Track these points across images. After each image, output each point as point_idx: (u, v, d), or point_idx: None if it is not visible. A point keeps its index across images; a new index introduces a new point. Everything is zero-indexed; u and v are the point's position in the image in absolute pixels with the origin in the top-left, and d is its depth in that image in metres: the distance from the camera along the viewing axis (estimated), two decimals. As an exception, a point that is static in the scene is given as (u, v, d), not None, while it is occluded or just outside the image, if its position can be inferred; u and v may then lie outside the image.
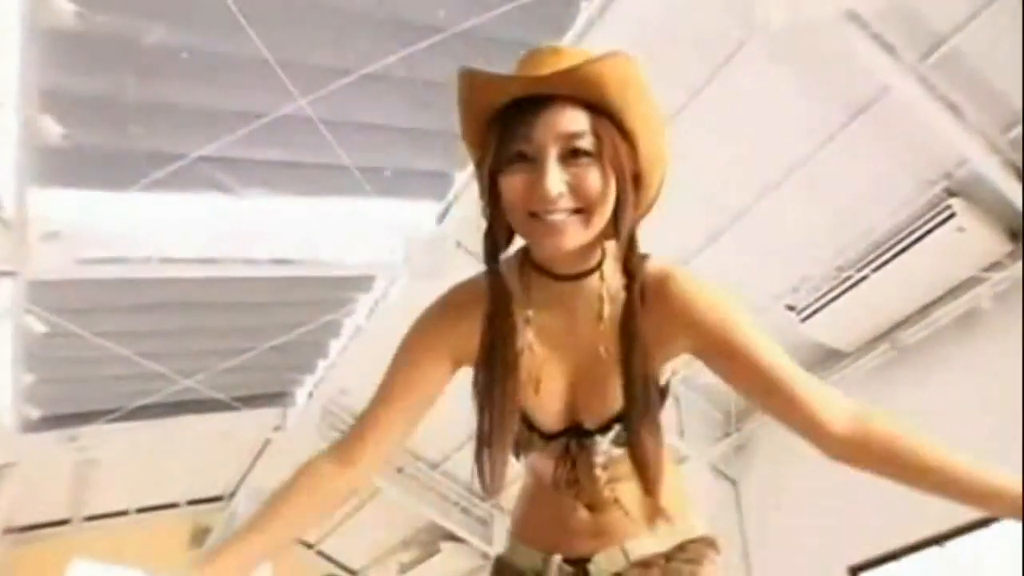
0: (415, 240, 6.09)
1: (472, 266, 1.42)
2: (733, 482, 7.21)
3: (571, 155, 1.23)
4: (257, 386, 7.70)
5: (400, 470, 8.97)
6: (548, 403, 1.45)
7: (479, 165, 1.33)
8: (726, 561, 5.37)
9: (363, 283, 6.76)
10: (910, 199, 5.54)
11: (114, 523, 9.16)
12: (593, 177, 1.23)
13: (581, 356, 1.43)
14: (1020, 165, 5.03)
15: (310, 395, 8.04)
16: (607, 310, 1.37)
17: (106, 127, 4.76)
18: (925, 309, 5.92)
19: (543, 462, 1.55)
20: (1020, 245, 5.39)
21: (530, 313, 1.39)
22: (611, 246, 1.37)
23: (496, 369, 1.37)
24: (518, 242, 1.41)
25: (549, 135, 1.22)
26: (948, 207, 5.28)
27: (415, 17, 4.75)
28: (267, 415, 8.15)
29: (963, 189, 5.32)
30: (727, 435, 7.24)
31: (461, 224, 6.06)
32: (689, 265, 6.11)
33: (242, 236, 5.77)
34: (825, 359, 6.48)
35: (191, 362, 6.70)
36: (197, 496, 9.61)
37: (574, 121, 1.23)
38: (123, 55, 4.44)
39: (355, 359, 7.31)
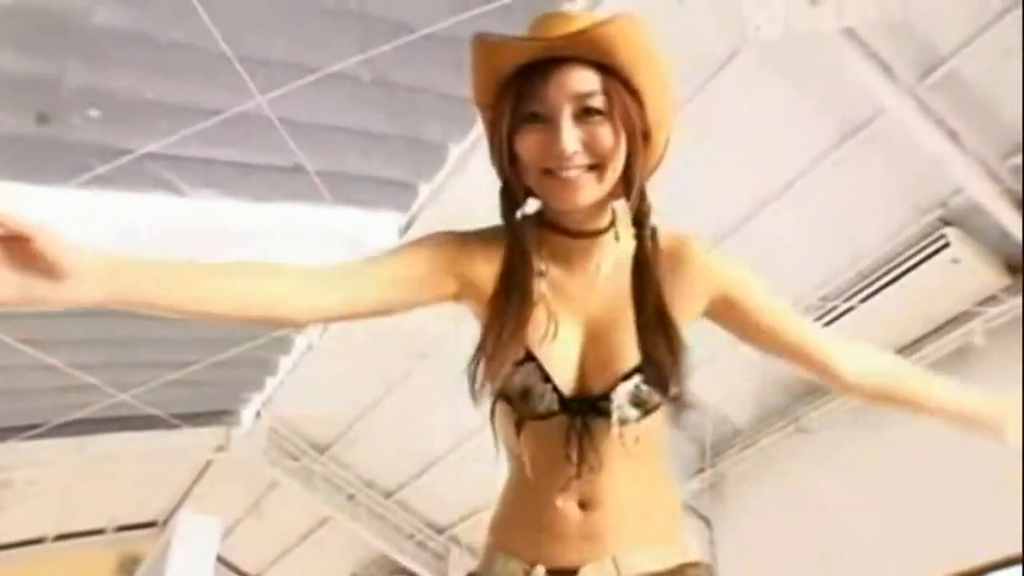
0: (371, 250, 6.10)
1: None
2: (707, 521, 7.24)
3: (584, 113, 1.37)
4: (199, 403, 7.61)
5: (351, 498, 8.91)
6: (561, 361, 1.50)
7: (493, 125, 1.46)
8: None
9: (318, 297, 6.74)
10: (902, 227, 5.57)
11: (27, 552, 8.88)
12: (605, 133, 1.38)
13: (593, 315, 1.53)
14: (1020, 195, 5.08)
15: (257, 414, 7.99)
16: (623, 266, 1.51)
17: (43, 115, 4.69)
18: (914, 344, 5.94)
19: (546, 437, 1.53)
20: (1019, 279, 5.44)
21: (543, 267, 1.51)
22: (621, 211, 1.52)
23: (513, 296, 1.45)
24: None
25: (563, 95, 1.36)
26: (942, 237, 5.31)
27: (386, 15, 4.73)
28: (209, 434, 8.06)
29: (959, 218, 5.36)
30: (702, 471, 7.24)
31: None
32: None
33: (189, 240, 5.66)
34: (808, 393, 6.51)
35: (127, 374, 6.62)
36: (127, 522, 9.46)
37: (586, 81, 1.37)
38: (66, 35, 4.35)
39: (306, 378, 7.30)
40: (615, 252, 1.54)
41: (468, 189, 5.53)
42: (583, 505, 1.54)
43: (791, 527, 6.46)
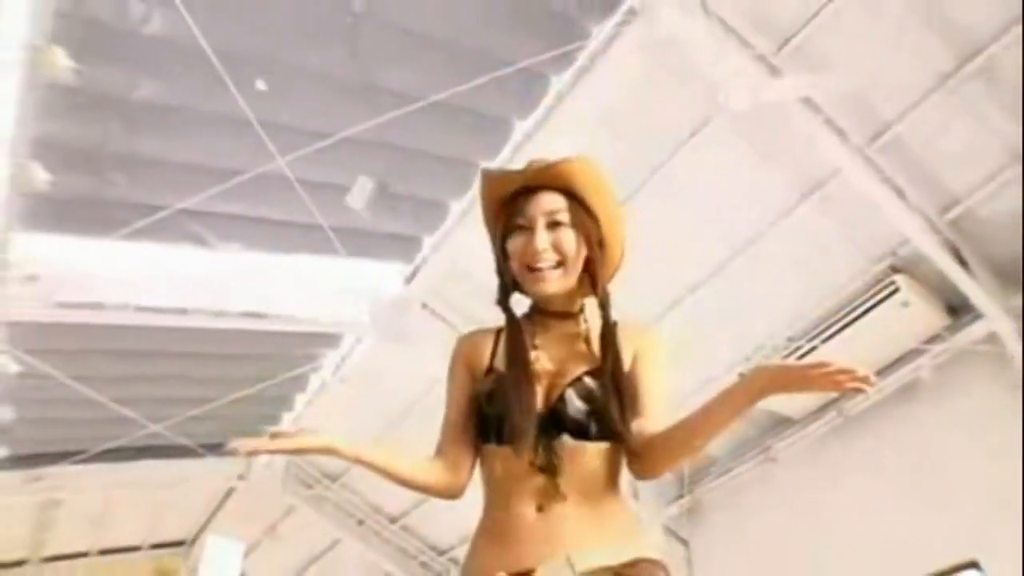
0: (382, 300, 6.12)
1: (437, 328, 1.50)
2: (685, 544, 7.18)
3: (553, 225, 1.76)
4: (223, 435, 7.48)
5: (360, 522, 8.92)
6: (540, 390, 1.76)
7: (493, 236, 1.86)
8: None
9: (330, 340, 6.78)
10: (857, 274, 5.62)
11: (73, 565, 8.96)
12: (568, 238, 1.76)
13: (565, 365, 1.77)
14: (956, 246, 5.16)
15: (276, 447, 7.94)
16: (589, 339, 1.80)
17: (91, 176, 4.78)
18: (870, 379, 5.97)
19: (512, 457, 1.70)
20: (958, 319, 5.49)
21: (537, 342, 1.80)
22: (590, 303, 1.84)
23: (520, 367, 1.74)
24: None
25: (538, 212, 1.76)
26: (892, 283, 5.36)
27: (391, 86, 4.82)
28: (232, 463, 8.08)
29: (906, 266, 5.42)
30: (680, 497, 7.21)
31: (428, 286, 6.10)
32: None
33: (216, 288, 5.76)
34: (776, 425, 6.54)
35: (159, 408, 6.65)
36: (159, 540, 9.49)
37: (554, 202, 1.77)
38: (112, 109, 4.48)
39: (320, 413, 7.29)
40: (583, 328, 1.83)
41: (467, 241, 5.57)
42: (540, 509, 1.64)
43: (761, 547, 6.43)
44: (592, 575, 1.57)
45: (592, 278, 1.78)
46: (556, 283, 1.75)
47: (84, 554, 8.99)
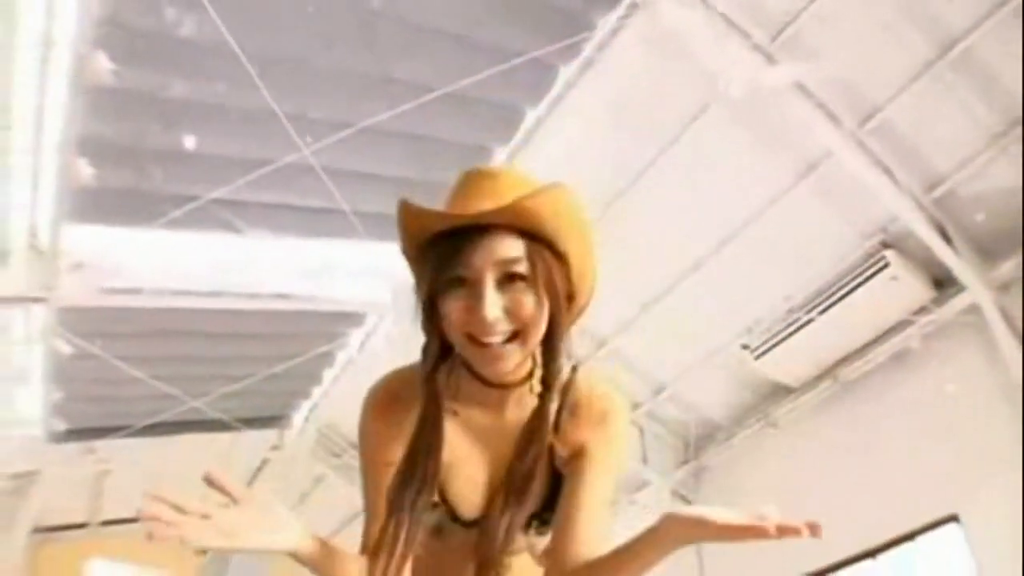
0: (403, 281, 6.17)
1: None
2: (690, 504, 7.24)
3: (507, 279, 1.20)
4: (257, 409, 7.72)
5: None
6: (469, 493, 1.42)
7: (419, 282, 1.28)
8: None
9: (355, 319, 6.84)
10: (850, 250, 5.74)
11: (126, 528, 9.11)
12: (528, 301, 1.20)
13: (502, 455, 1.37)
14: (941, 223, 5.27)
15: (306, 419, 8.08)
16: (530, 410, 1.34)
17: (131, 170, 4.89)
18: (863, 349, 6.10)
19: (454, 543, 1.49)
20: (945, 292, 5.61)
21: (457, 407, 1.36)
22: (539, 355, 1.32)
23: (419, 462, 1.30)
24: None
25: (487, 262, 1.18)
26: (883, 258, 5.49)
27: (410, 78, 4.88)
28: (266, 436, 8.18)
29: (896, 242, 5.54)
30: (686, 462, 7.34)
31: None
32: (652, 308, 6.30)
33: (247, 272, 5.85)
34: (775, 393, 6.67)
35: (198, 385, 6.76)
36: (200, 508, 9.62)
37: (510, 248, 1.19)
38: (149, 107, 4.59)
39: (347, 388, 7.36)
40: (528, 399, 1.35)
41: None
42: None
43: (763, 507, 6.50)
44: None
45: (547, 344, 1.27)
46: (511, 360, 1.24)
47: (134, 520, 9.15)
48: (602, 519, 1.35)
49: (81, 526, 8.89)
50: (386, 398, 1.42)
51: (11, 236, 4.90)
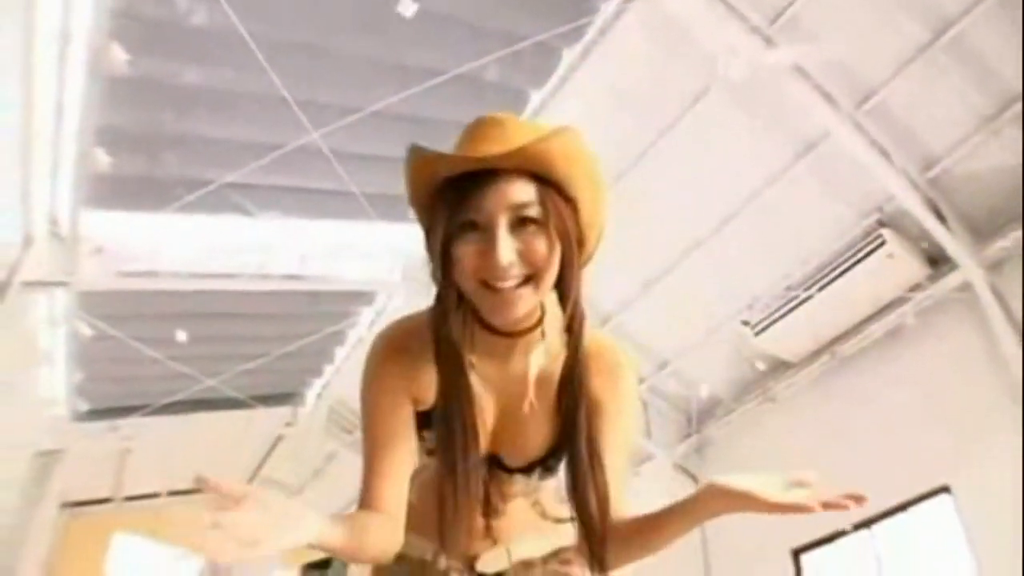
0: (412, 260, 6.26)
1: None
2: (693, 478, 7.35)
3: (520, 223, 1.19)
4: (271, 387, 7.81)
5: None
6: (481, 434, 1.38)
7: (429, 231, 1.27)
8: (688, 546, 5.52)
9: (365, 298, 6.91)
10: (847, 229, 5.78)
11: (148, 504, 9.29)
12: (541, 244, 1.19)
13: (509, 403, 1.39)
14: (936, 202, 5.30)
15: (318, 396, 8.17)
16: (545, 363, 1.36)
17: (146, 157, 4.95)
18: (860, 325, 6.15)
19: None
20: (938, 270, 5.64)
21: (473, 359, 1.33)
22: (550, 302, 1.32)
23: (457, 424, 1.30)
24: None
25: (500, 206, 1.17)
26: (879, 236, 5.53)
27: (417, 62, 4.92)
28: (280, 413, 8.29)
29: (892, 221, 5.57)
30: (688, 436, 7.42)
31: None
32: (655, 286, 6.35)
33: (259, 254, 5.93)
34: (775, 368, 6.73)
35: (213, 364, 6.85)
36: (218, 482, 9.72)
37: (522, 192, 1.18)
38: (163, 95, 4.65)
39: (358, 366, 7.37)
40: (539, 346, 1.36)
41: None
42: (485, 515, 1.48)
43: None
44: (525, 564, 1.54)
45: (562, 289, 1.26)
46: (524, 305, 1.22)
47: (156, 495, 9.31)
48: (622, 471, 1.37)
49: (106, 501, 9.11)
50: (395, 345, 1.39)
51: (34, 223, 4.96)
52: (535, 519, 1.55)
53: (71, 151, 4.56)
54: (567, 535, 1.50)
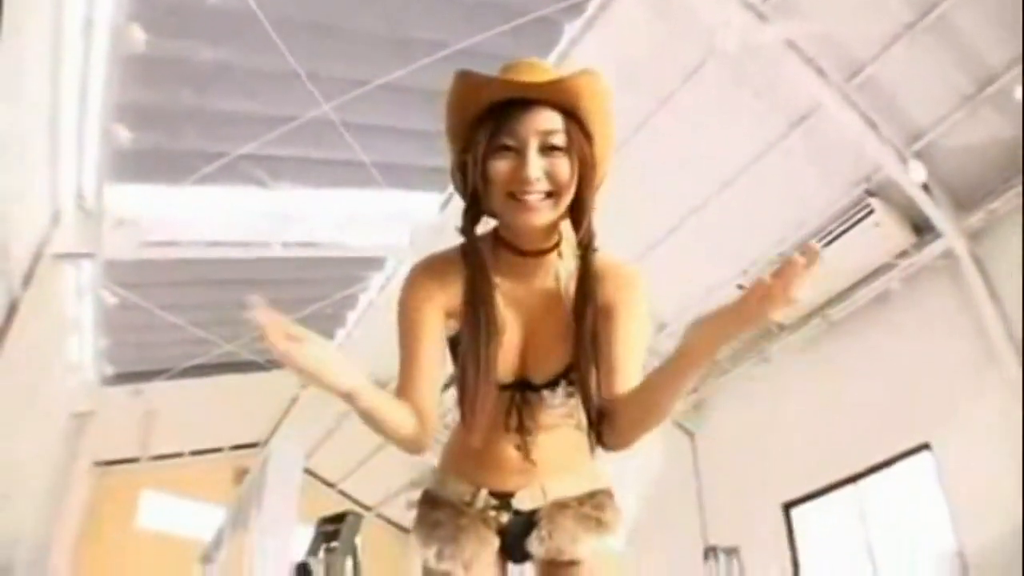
0: (421, 226, 6.35)
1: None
2: (691, 435, 7.53)
3: (547, 148, 1.37)
4: (287, 350, 7.87)
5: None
6: (505, 357, 1.51)
7: (466, 151, 1.42)
8: (684, 500, 5.67)
9: (376, 264, 6.99)
10: (837, 198, 5.86)
11: (173, 462, 9.58)
12: (564, 166, 1.38)
13: (534, 320, 1.52)
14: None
15: (332, 359, 8.21)
16: (563, 281, 1.50)
17: (165, 132, 5.05)
18: (849, 290, 6.26)
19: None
20: (923, 238, 5.73)
21: (497, 280, 1.50)
22: (566, 228, 1.49)
23: (482, 322, 1.46)
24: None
25: (532, 131, 1.36)
26: (868, 205, 5.61)
27: (422, 36, 4.98)
28: (296, 376, 8.31)
29: (880, 190, 5.65)
30: (687, 394, 7.45)
31: (461, 212, 6.21)
32: (654, 251, 6.45)
33: (274, 222, 6.01)
34: (768, 331, 6.80)
35: (232, 329, 6.95)
36: (238, 442, 9.96)
37: (551, 121, 1.37)
38: (180, 72, 4.74)
39: (368, 329, 7.50)
40: (557, 266, 1.51)
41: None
42: (519, 448, 1.56)
43: (758, 437, 6.76)
44: (559, 503, 1.58)
45: (578, 209, 1.43)
46: (545, 215, 1.39)
47: (179, 454, 9.56)
48: (634, 356, 1.48)
49: (133, 460, 9.34)
50: (427, 267, 1.55)
51: (61, 199, 5.09)
52: (570, 456, 1.59)
53: (95, 129, 4.66)
54: (602, 477, 1.64)
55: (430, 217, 6.37)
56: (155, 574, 8.78)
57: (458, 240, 1.54)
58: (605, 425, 1.45)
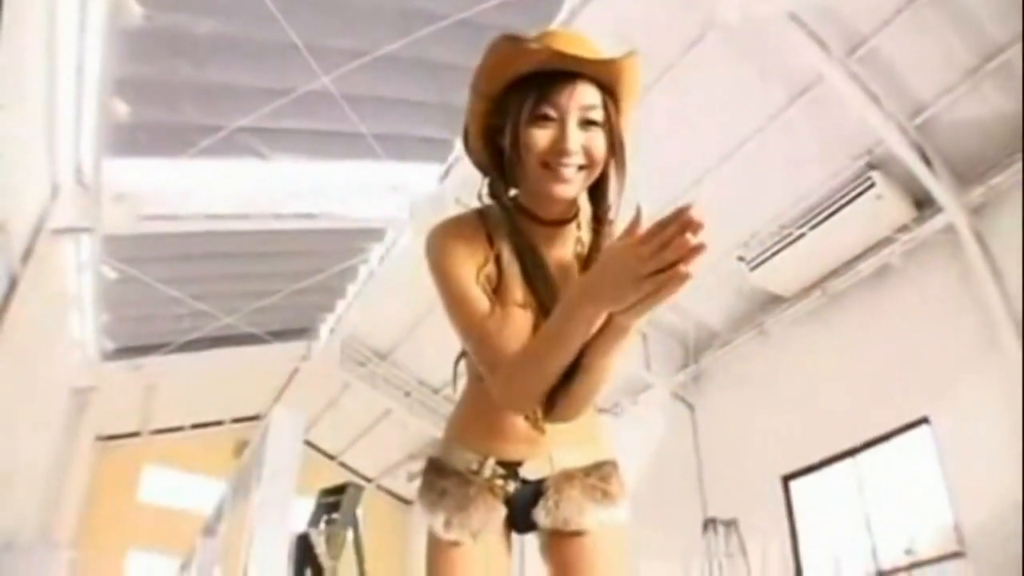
0: (420, 197, 6.37)
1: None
2: (691, 407, 7.57)
3: (584, 123, 1.39)
4: (286, 322, 7.98)
5: (407, 394, 9.32)
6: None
7: (489, 114, 1.44)
8: (684, 472, 5.72)
9: (375, 235, 7.00)
10: (839, 171, 5.87)
11: (174, 436, 9.73)
12: (600, 141, 1.40)
13: (548, 288, 1.51)
14: (923, 147, 5.38)
15: (332, 330, 8.33)
16: (578, 254, 1.51)
17: (163, 105, 5.04)
18: (850, 263, 6.27)
19: None
20: (924, 212, 5.73)
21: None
22: (583, 201, 1.51)
23: (540, 291, 1.46)
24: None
25: (573, 104, 1.38)
26: (869, 179, 5.62)
27: (421, 7, 4.96)
28: (295, 347, 8.45)
29: (881, 164, 5.65)
30: (686, 366, 7.57)
31: (460, 183, 6.23)
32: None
33: (273, 195, 6.04)
34: (769, 303, 6.88)
35: (231, 302, 7.02)
36: (238, 415, 10.07)
37: (592, 96, 1.39)
38: (178, 45, 4.73)
39: (369, 300, 7.61)
40: (574, 236, 1.53)
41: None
42: (527, 418, 1.56)
43: (756, 409, 6.81)
44: (566, 474, 1.59)
45: (602, 185, 1.46)
46: (576, 187, 1.41)
47: (180, 428, 9.68)
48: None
49: (135, 435, 9.48)
50: (451, 231, 1.50)
51: (60, 174, 5.10)
52: (577, 426, 1.55)
53: (92, 104, 4.66)
54: (607, 449, 1.66)
55: (429, 188, 6.39)
56: (157, 547, 8.93)
57: (456, 210, 1.56)
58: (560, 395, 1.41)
